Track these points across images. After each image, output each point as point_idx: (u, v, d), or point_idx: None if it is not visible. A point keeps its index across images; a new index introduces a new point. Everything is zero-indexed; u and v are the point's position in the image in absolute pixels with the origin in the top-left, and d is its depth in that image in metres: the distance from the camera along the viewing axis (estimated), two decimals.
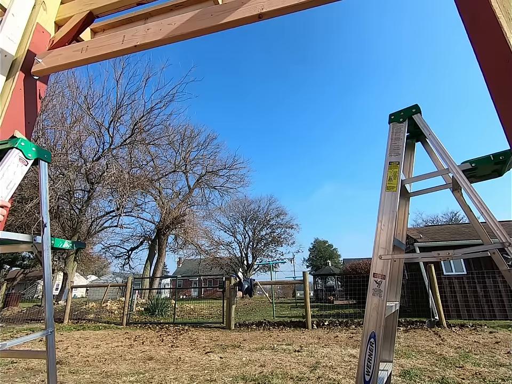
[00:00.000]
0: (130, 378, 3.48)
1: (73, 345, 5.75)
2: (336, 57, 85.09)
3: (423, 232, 12.08)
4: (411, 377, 3.22)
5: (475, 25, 0.76)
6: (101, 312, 11.24)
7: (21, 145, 1.35)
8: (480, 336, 5.57)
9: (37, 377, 3.60)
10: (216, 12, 1.67)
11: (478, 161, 1.34)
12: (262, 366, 3.87)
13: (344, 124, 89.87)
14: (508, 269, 1.20)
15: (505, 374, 3.27)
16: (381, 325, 1.20)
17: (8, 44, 1.83)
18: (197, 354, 4.72)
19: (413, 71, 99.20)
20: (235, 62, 72.32)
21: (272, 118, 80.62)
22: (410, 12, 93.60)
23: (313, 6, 1.58)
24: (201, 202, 23.63)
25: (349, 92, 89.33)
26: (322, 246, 55.68)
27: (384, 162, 1.50)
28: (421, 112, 1.55)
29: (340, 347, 4.91)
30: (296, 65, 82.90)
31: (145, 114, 17.00)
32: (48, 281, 1.34)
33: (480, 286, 9.14)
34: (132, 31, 1.84)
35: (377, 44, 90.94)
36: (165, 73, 46.68)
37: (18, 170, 1.32)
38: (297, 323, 7.60)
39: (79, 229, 17.47)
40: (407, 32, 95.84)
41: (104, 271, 44.08)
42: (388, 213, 1.35)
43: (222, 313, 8.87)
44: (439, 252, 1.23)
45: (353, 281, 13.05)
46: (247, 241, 33.85)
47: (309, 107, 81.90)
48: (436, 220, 40.62)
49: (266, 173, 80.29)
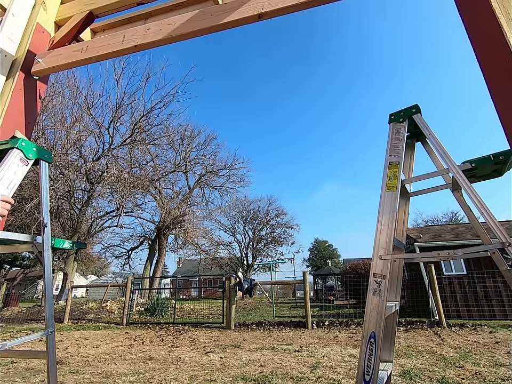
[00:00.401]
0: (130, 378, 3.48)
1: (73, 345, 5.75)
2: (337, 57, 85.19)
3: (423, 232, 12.08)
4: (411, 377, 3.21)
5: (475, 25, 0.76)
6: (101, 312, 11.24)
7: (21, 146, 1.34)
8: (480, 336, 5.57)
9: (37, 377, 3.60)
10: (216, 11, 1.67)
11: (478, 161, 1.34)
12: (262, 366, 3.87)
13: (345, 124, 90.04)
14: (508, 269, 1.20)
15: (505, 374, 3.27)
16: (381, 325, 1.20)
17: (8, 43, 1.83)
18: (197, 354, 4.72)
19: (414, 71, 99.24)
20: (235, 63, 72.38)
21: (272, 119, 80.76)
22: (411, 11, 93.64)
23: (313, 6, 1.58)
24: (201, 202, 23.65)
25: (350, 92, 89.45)
26: (322, 246, 55.67)
27: (384, 162, 1.50)
28: (421, 112, 1.55)
29: (339, 347, 4.91)
30: (296, 66, 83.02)
31: (145, 114, 17.01)
32: (49, 281, 1.34)
33: (480, 286, 9.13)
34: (132, 31, 1.84)
35: (379, 43, 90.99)
36: (165, 73, 46.69)
37: (19, 171, 1.32)
38: (297, 323, 7.60)
39: (79, 229, 17.47)
40: (408, 31, 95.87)
41: (104, 271, 44.09)
42: (388, 213, 1.35)
43: (222, 313, 8.87)
44: (439, 252, 1.23)
45: (353, 281, 13.04)
46: (247, 241, 33.88)
47: (310, 108, 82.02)
48: (436, 220, 40.65)
49: (267, 173, 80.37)
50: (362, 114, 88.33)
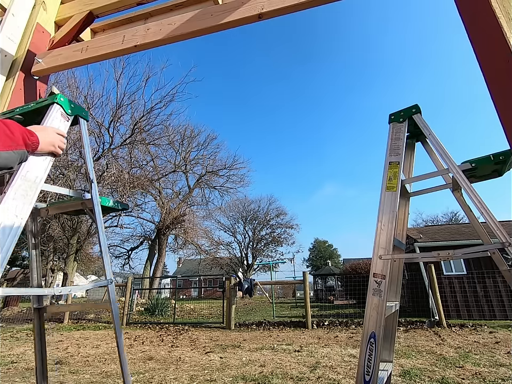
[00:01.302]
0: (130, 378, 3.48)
1: (73, 345, 5.75)
2: (339, 58, 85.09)
3: (423, 232, 12.08)
4: (411, 377, 3.22)
5: (475, 25, 0.76)
6: (101, 312, 11.24)
7: (60, 101, 1.27)
8: (480, 336, 5.57)
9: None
10: (216, 11, 1.67)
11: (478, 161, 1.34)
12: (262, 366, 3.87)
13: (348, 124, 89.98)
14: (508, 269, 1.20)
15: (505, 374, 3.27)
16: (381, 325, 1.20)
17: (8, 44, 1.83)
18: (197, 354, 4.72)
19: (415, 70, 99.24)
20: (236, 63, 72.33)
21: (273, 119, 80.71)
22: (413, 11, 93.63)
23: (313, 6, 1.57)
24: (201, 202, 23.67)
25: (352, 92, 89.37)
26: (322, 246, 55.67)
27: (384, 162, 1.50)
28: (421, 112, 1.55)
29: (340, 347, 4.91)
30: (298, 66, 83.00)
31: (145, 114, 17.00)
32: (103, 236, 1.33)
33: (480, 286, 9.14)
34: (132, 31, 1.84)
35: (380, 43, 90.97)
36: (165, 73, 46.62)
37: (62, 125, 1.25)
38: (297, 323, 7.60)
39: (79, 229, 17.48)
40: (410, 31, 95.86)
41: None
42: (388, 213, 1.35)
43: (222, 313, 8.87)
44: (439, 252, 1.23)
45: (353, 281, 13.04)
46: (247, 241, 33.88)
47: (310, 108, 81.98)
48: (436, 220, 40.66)
49: (267, 173, 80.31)
50: (363, 114, 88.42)
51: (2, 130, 0.83)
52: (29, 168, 1.03)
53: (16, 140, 0.87)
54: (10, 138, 0.84)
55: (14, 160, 0.87)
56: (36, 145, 0.99)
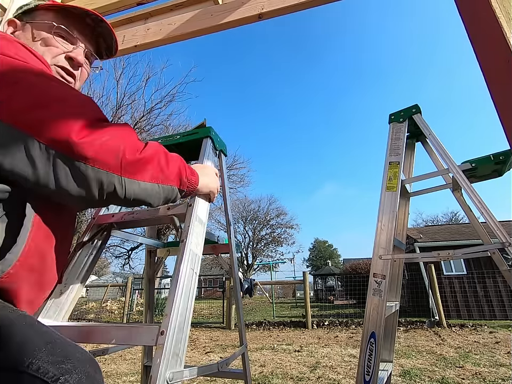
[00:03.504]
0: (130, 378, 3.48)
1: None
2: (336, 57, 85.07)
3: (423, 232, 12.09)
4: (411, 377, 3.21)
5: (475, 25, 0.76)
6: (101, 312, 11.25)
7: (212, 135, 1.22)
8: (480, 336, 5.57)
9: None
10: (216, 11, 1.67)
11: (478, 161, 1.34)
12: (262, 366, 3.87)
13: (348, 124, 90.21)
14: (508, 269, 1.20)
15: (505, 374, 3.27)
16: (381, 325, 1.20)
17: None
18: (197, 354, 4.72)
19: (416, 70, 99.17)
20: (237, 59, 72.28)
21: (274, 119, 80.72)
22: (413, 11, 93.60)
23: (313, 6, 1.57)
24: None
25: (351, 92, 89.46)
26: (322, 246, 55.69)
27: (384, 162, 1.50)
28: (421, 112, 1.55)
29: (340, 347, 4.91)
30: (297, 63, 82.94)
31: (145, 114, 16.99)
32: (236, 273, 1.44)
33: (480, 286, 9.14)
34: (132, 31, 1.84)
35: (378, 42, 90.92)
36: (165, 73, 46.55)
37: (213, 161, 1.20)
38: (297, 323, 7.60)
39: (79, 229, 17.46)
40: (411, 30, 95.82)
41: (104, 271, 44.07)
42: (388, 213, 1.35)
43: (222, 313, 8.88)
44: (439, 252, 1.23)
45: (353, 281, 13.03)
46: (247, 241, 33.85)
47: (311, 108, 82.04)
48: (436, 220, 40.65)
49: (267, 173, 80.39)
50: (364, 114, 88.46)
51: (157, 160, 0.68)
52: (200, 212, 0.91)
53: (167, 174, 0.70)
54: (161, 170, 0.68)
55: (156, 195, 0.69)
56: (194, 187, 0.81)
